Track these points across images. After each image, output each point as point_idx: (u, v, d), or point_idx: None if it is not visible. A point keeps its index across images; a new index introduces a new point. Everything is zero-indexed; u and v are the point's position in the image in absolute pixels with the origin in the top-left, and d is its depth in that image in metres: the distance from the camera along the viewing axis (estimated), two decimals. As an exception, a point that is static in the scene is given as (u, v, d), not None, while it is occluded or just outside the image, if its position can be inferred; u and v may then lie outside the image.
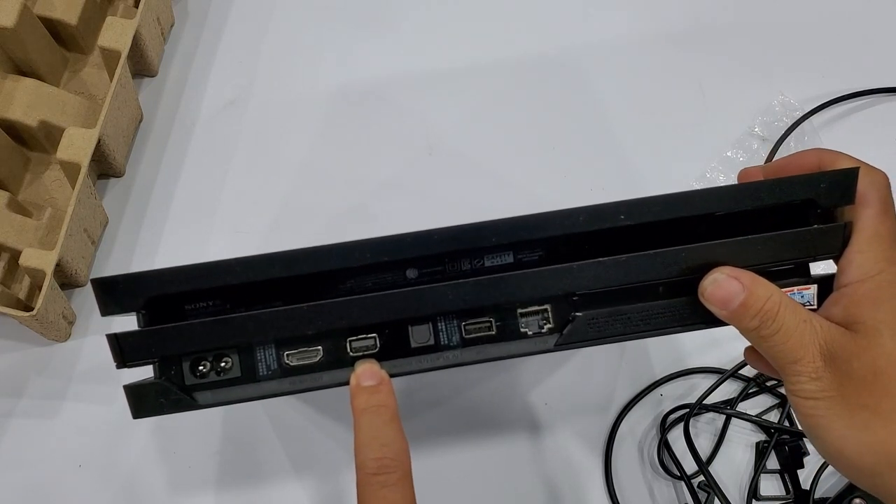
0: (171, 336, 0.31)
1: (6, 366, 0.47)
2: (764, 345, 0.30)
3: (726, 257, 0.31)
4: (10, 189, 0.48)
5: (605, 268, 0.31)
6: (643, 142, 0.54)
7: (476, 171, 0.53)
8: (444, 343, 0.32)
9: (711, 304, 0.31)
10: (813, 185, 0.31)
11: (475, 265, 0.32)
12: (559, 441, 0.47)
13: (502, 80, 0.56)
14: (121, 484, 0.45)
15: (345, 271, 0.32)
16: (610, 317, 0.32)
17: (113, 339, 0.31)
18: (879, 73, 0.56)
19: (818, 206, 0.32)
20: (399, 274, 0.32)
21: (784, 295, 0.30)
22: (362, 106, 0.55)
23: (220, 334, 0.31)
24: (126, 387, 0.31)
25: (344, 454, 0.46)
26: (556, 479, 0.46)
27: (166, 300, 0.31)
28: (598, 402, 0.48)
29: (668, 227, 0.32)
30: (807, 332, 0.29)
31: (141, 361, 0.31)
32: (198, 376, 0.32)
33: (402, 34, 0.57)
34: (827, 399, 0.29)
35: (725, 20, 0.58)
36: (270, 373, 0.32)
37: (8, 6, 0.46)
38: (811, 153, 0.33)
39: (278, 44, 0.57)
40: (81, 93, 0.53)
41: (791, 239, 0.32)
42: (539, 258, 0.32)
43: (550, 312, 0.32)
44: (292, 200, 0.52)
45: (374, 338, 0.32)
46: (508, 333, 0.32)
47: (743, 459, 0.47)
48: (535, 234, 0.31)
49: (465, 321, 0.32)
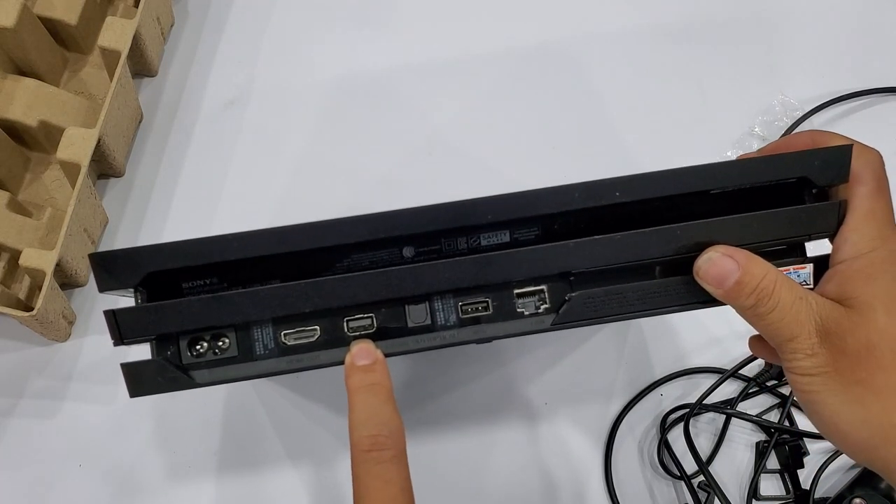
0: (169, 312, 0.31)
1: (6, 366, 0.47)
2: (760, 323, 0.30)
3: (722, 235, 0.31)
4: (10, 189, 0.48)
5: (600, 245, 0.32)
6: (643, 141, 0.54)
7: (474, 168, 0.53)
8: (440, 323, 0.32)
9: (706, 283, 0.31)
10: (807, 163, 0.32)
11: (472, 244, 0.33)
12: (559, 441, 0.47)
13: (502, 80, 0.56)
14: (121, 483, 0.45)
15: (342, 248, 0.32)
16: (606, 296, 0.32)
17: (110, 316, 0.31)
18: (879, 73, 0.56)
19: (813, 185, 0.32)
20: (396, 252, 0.32)
21: (780, 273, 0.30)
22: (362, 105, 0.55)
23: (217, 311, 0.31)
24: (123, 365, 0.31)
25: (340, 444, 0.46)
26: (556, 479, 0.46)
27: (164, 277, 0.31)
28: (598, 402, 0.48)
29: (664, 204, 0.32)
30: (802, 309, 0.29)
31: (138, 338, 0.31)
32: (195, 355, 0.32)
33: (401, 33, 0.57)
34: (822, 375, 0.29)
35: (725, 19, 0.58)
36: (268, 352, 0.32)
37: (8, 6, 0.46)
38: (804, 134, 0.33)
39: (278, 43, 0.57)
40: (81, 93, 0.53)
41: (786, 217, 0.32)
42: (535, 237, 0.33)
43: (546, 293, 0.32)
44: (292, 200, 0.52)
45: (371, 317, 0.32)
46: (505, 313, 0.32)
47: (743, 459, 0.47)
48: (531, 210, 0.32)
49: (461, 301, 0.32)
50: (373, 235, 0.31)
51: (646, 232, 0.31)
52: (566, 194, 0.31)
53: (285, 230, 0.31)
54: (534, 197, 0.32)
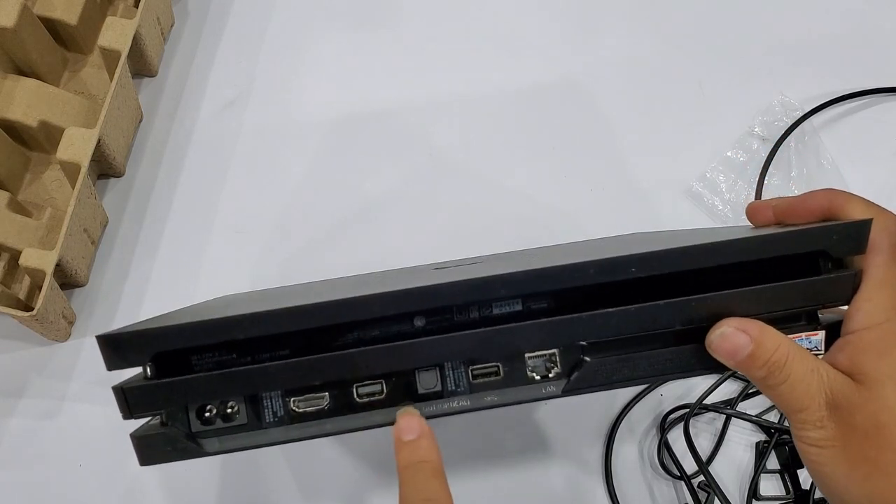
0: (178, 389, 0.31)
1: (6, 366, 0.47)
2: (771, 393, 0.30)
3: (736, 306, 0.31)
4: (10, 189, 0.48)
5: (614, 318, 0.31)
6: (644, 142, 0.54)
7: (476, 169, 0.53)
8: (451, 388, 0.32)
9: (718, 356, 0.31)
10: (825, 237, 0.31)
11: (483, 313, 0.32)
12: (559, 441, 0.47)
13: (503, 80, 0.56)
14: (121, 483, 0.45)
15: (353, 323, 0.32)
16: (618, 363, 0.32)
17: (119, 392, 0.31)
18: (879, 73, 0.56)
19: (829, 256, 0.32)
20: (406, 322, 0.32)
21: (792, 344, 0.30)
22: (362, 104, 0.55)
23: (226, 387, 0.31)
24: (133, 436, 0.31)
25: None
26: (556, 479, 0.46)
27: (173, 352, 0.31)
28: (598, 402, 0.48)
29: (679, 275, 0.32)
30: (814, 381, 0.30)
31: (147, 413, 0.31)
32: (204, 422, 0.32)
33: (402, 32, 0.57)
34: (830, 448, 0.29)
35: (725, 20, 0.58)
36: (277, 419, 0.32)
37: (8, 6, 0.46)
38: (821, 195, 0.33)
39: (278, 44, 0.57)
40: (81, 93, 0.53)
41: (801, 288, 0.31)
42: (547, 305, 0.32)
43: (558, 357, 0.32)
44: (292, 200, 0.52)
45: (381, 384, 0.32)
46: (516, 379, 0.32)
47: (743, 459, 0.47)
48: (545, 286, 0.31)
49: (472, 367, 0.32)
50: (385, 313, 0.31)
51: (660, 305, 0.31)
52: (581, 271, 0.31)
53: (297, 310, 0.30)
54: (548, 274, 0.31)
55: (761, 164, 0.54)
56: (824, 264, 0.32)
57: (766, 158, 0.54)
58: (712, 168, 0.54)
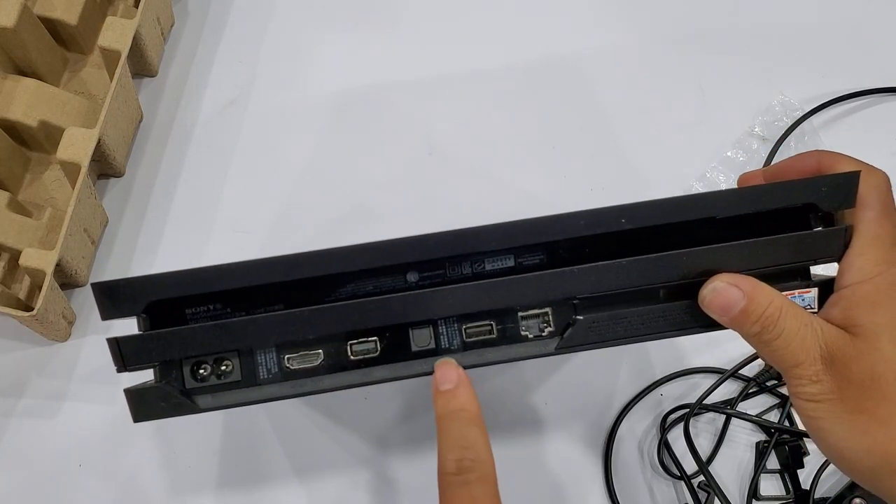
0: (172, 340, 0.31)
1: (6, 366, 0.47)
2: (765, 349, 0.30)
3: (727, 261, 0.31)
4: (10, 189, 0.48)
5: (605, 272, 0.31)
6: (643, 142, 0.54)
7: (476, 170, 0.53)
8: (444, 346, 0.32)
9: (712, 312, 0.31)
10: (814, 190, 0.31)
11: (476, 268, 0.32)
12: (559, 441, 0.47)
13: (502, 79, 0.56)
14: (121, 484, 0.45)
15: (345, 275, 0.32)
16: (610, 320, 0.32)
17: (114, 344, 0.31)
18: (879, 73, 0.56)
19: (819, 210, 0.32)
20: (399, 277, 0.32)
21: (785, 299, 0.30)
22: (363, 105, 0.55)
23: (220, 339, 0.31)
24: (126, 390, 0.31)
25: (345, 456, 0.46)
26: (556, 479, 0.46)
27: (167, 304, 0.31)
28: (598, 402, 0.48)
29: (669, 230, 0.32)
30: (808, 335, 0.29)
31: (142, 366, 0.31)
32: (198, 380, 0.32)
33: (402, 33, 0.57)
34: (827, 402, 0.29)
35: (725, 20, 0.58)
36: (271, 376, 0.32)
37: (8, 6, 0.46)
38: (810, 156, 0.33)
39: (278, 44, 0.57)
40: (81, 93, 0.53)
41: (792, 243, 0.32)
42: (540, 261, 0.32)
43: (551, 316, 0.32)
44: (293, 200, 0.52)
45: (375, 341, 0.32)
46: (509, 337, 0.32)
47: (743, 459, 0.47)
48: (536, 238, 0.31)
49: (465, 324, 0.32)
50: (377, 263, 0.31)
51: (651, 258, 0.31)
52: (571, 222, 0.31)
53: (289, 259, 0.31)
54: (538, 225, 0.31)
55: (761, 164, 0.54)
56: (815, 220, 0.32)
57: (766, 158, 0.54)
58: (712, 168, 0.54)
